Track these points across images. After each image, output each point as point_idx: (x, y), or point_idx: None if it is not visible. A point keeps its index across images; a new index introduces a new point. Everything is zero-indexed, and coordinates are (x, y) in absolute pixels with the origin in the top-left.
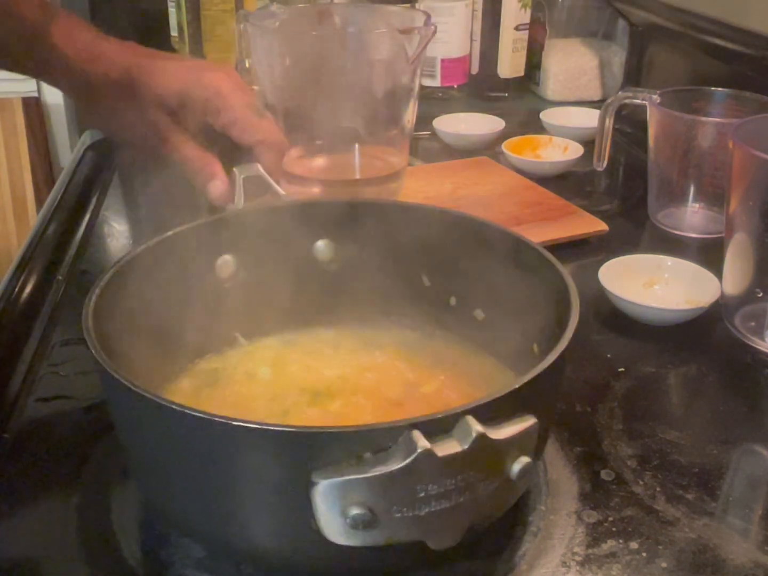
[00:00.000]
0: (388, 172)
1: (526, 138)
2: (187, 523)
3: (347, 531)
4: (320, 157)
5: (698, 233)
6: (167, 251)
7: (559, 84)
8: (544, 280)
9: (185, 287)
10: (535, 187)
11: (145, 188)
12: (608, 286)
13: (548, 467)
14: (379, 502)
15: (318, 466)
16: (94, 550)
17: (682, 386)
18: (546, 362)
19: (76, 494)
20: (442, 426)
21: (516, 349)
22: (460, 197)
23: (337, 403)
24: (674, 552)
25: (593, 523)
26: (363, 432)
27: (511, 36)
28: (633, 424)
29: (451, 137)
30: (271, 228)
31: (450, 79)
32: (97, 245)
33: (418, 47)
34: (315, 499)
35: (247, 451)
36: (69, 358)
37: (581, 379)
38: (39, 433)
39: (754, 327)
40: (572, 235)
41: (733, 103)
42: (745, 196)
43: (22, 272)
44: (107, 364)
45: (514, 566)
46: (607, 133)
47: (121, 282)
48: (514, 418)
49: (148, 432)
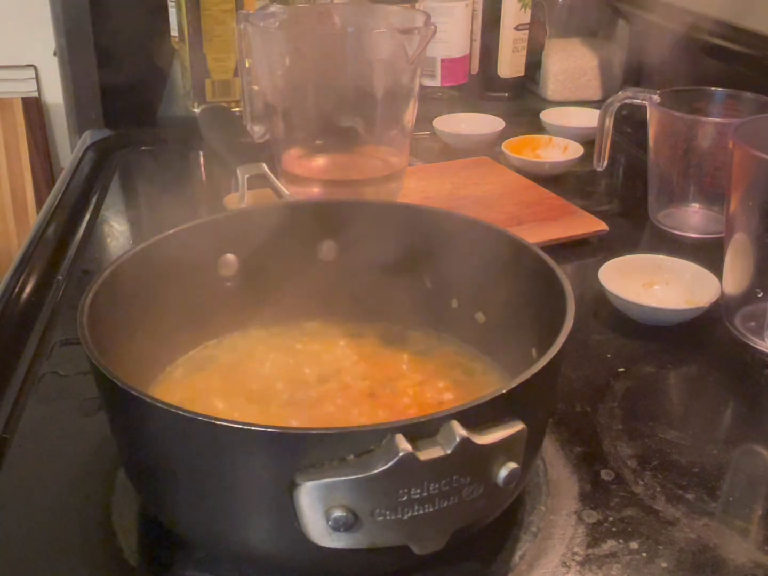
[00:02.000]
0: (388, 172)
1: (526, 138)
2: (176, 521)
3: (330, 533)
4: (320, 157)
5: (698, 233)
6: (167, 250)
7: (559, 84)
8: (543, 285)
9: (185, 285)
10: (535, 187)
11: (145, 188)
12: (608, 286)
13: (548, 467)
14: (362, 505)
15: (301, 468)
16: (94, 550)
17: (682, 386)
18: (535, 368)
19: (76, 494)
20: (426, 430)
21: (516, 353)
22: (460, 197)
23: (335, 402)
24: (674, 552)
25: (593, 523)
26: (346, 434)
27: (511, 36)
28: (633, 424)
29: (451, 137)
30: (272, 228)
31: (450, 79)
32: (97, 245)
33: (418, 47)
34: (298, 500)
35: (230, 451)
36: (69, 358)
37: (581, 379)
38: (39, 433)
39: (754, 327)
40: (572, 235)
41: (733, 103)
42: (745, 196)
43: (22, 272)
44: (97, 360)
45: (514, 566)
46: (607, 133)
47: (118, 279)
48: (500, 424)
49: (135, 430)
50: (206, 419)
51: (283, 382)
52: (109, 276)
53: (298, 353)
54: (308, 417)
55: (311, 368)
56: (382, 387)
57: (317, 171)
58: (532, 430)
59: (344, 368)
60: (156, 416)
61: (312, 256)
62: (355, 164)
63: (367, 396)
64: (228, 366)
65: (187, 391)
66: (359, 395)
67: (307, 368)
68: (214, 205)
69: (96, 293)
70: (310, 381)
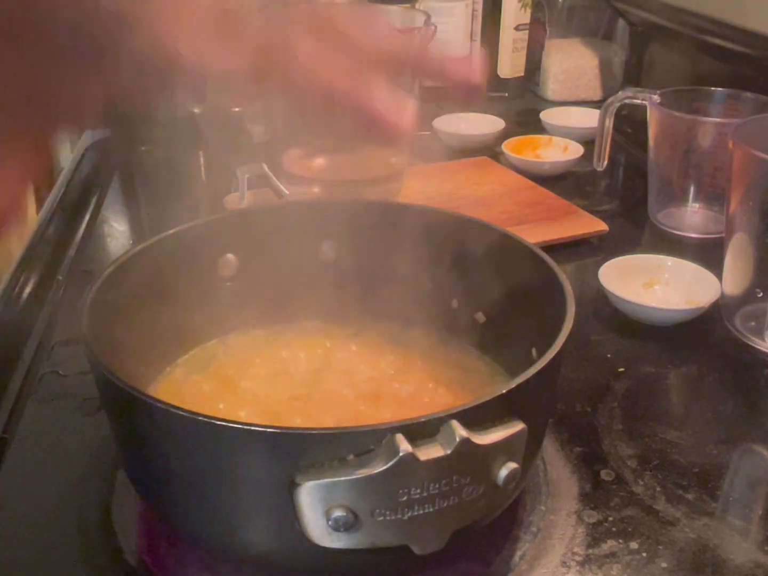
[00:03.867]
0: (388, 172)
1: (526, 138)
2: (176, 521)
3: (330, 533)
4: (320, 157)
5: (698, 233)
6: (167, 250)
7: (559, 84)
8: (544, 286)
9: (185, 285)
10: (535, 187)
11: (145, 188)
12: (608, 286)
13: (548, 467)
14: (362, 505)
15: (301, 468)
16: (94, 550)
17: (682, 386)
18: (535, 368)
19: (76, 494)
20: (426, 430)
21: (516, 353)
22: (460, 197)
23: (335, 402)
24: (674, 552)
25: (593, 523)
26: (346, 434)
27: (511, 36)
28: (633, 424)
29: (451, 137)
30: (272, 228)
31: None
32: (97, 245)
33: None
34: (298, 500)
35: (230, 451)
36: (69, 358)
37: (581, 379)
38: (39, 433)
39: (754, 327)
40: (572, 235)
41: (733, 103)
42: (745, 196)
43: (22, 272)
44: (97, 360)
45: (514, 566)
46: (607, 133)
47: (118, 279)
48: (500, 424)
49: (135, 430)
50: (206, 419)
51: (283, 382)
52: (109, 276)
53: (297, 353)
54: (308, 417)
55: (311, 368)
56: (382, 387)
57: (317, 171)
58: (532, 430)
59: (344, 368)
60: (156, 416)
61: (312, 256)
62: (355, 164)
63: (367, 396)
64: (228, 366)
65: (187, 391)
66: (359, 395)
67: (306, 368)
68: (214, 205)
69: (96, 293)
70: (309, 381)
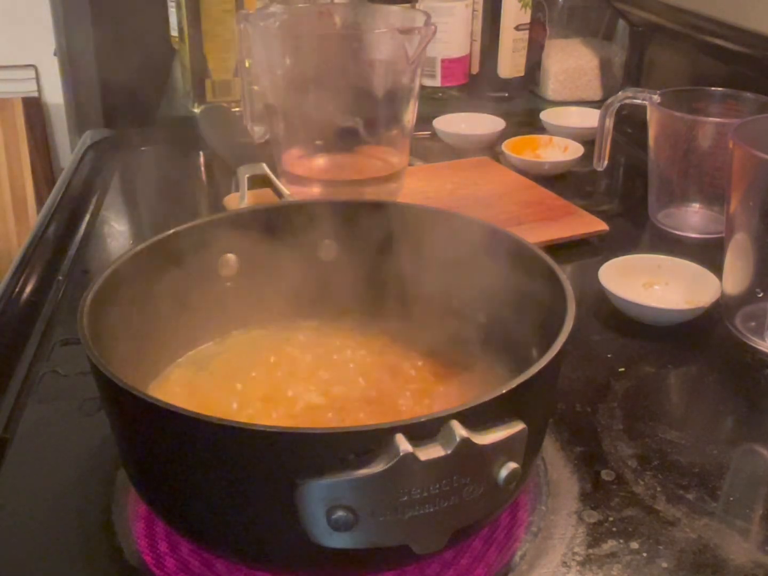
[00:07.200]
0: (388, 172)
1: (526, 138)
2: (176, 521)
3: (331, 533)
4: (320, 157)
5: (698, 233)
6: (167, 250)
7: (559, 84)
8: (543, 285)
9: (185, 285)
10: (535, 187)
11: (145, 188)
12: (608, 286)
13: (548, 467)
14: (362, 505)
15: (301, 468)
16: (94, 550)
17: (682, 386)
18: (535, 368)
19: (76, 494)
20: (427, 430)
21: (516, 353)
22: (460, 197)
23: (335, 401)
24: (675, 552)
25: (593, 523)
26: (347, 434)
27: (511, 36)
28: (633, 424)
29: (451, 137)
30: (272, 228)
31: (450, 79)
32: (97, 245)
33: (418, 47)
34: (298, 500)
35: (230, 451)
36: (69, 358)
37: (581, 379)
38: (39, 433)
39: (754, 327)
40: (572, 235)
41: (733, 103)
42: (745, 196)
43: (22, 272)
44: (97, 360)
45: (515, 566)
46: (607, 133)
47: (118, 279)
48: (501, 424)
49: (135, 430)
50: (206, 419)
51: (283, 382)
52: (109, 276)
53: (297, 353)
54: (308, 417)
55: (311, 368)
56: (382, 387)
57: (317, 171)
58: (532, 430)
59: (344, 368)
60: (156, 416)
61: (312, 256)
62: (355, 164)
63: (367, 396)
64: (228, 366)
65: (187, 391)
66: (359, 395)
67: (306, 368)
68: (214, 205)
69: (96, 293)
70: (309, 381)
